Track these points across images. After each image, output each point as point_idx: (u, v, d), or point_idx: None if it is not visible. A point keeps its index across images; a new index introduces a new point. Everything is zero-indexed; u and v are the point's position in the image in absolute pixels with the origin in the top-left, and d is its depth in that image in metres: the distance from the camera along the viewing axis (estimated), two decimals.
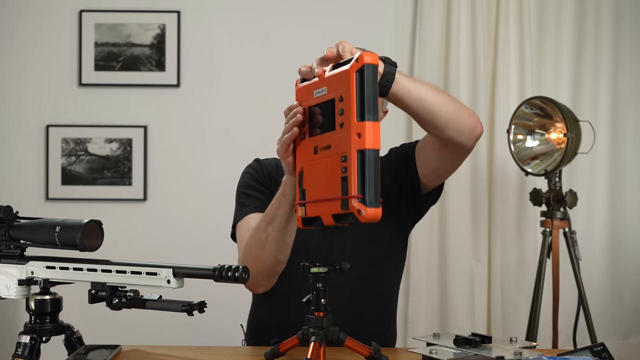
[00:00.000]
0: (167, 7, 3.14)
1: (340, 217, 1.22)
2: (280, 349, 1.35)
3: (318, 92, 1.28)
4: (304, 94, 1.33)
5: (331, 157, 1.23)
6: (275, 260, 1.59)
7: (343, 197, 1.18)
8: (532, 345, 1.40)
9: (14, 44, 3.14)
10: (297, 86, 1.36)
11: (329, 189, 1.22)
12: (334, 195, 1.20)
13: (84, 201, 3.11)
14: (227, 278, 1.20)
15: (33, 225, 1.38)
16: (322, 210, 1.24)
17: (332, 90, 1.25)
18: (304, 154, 1.31)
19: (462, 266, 3.05)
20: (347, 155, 1.18)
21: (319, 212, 1.25)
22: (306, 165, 1.30)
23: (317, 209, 1.26)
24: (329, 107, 1.24)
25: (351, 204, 1.16)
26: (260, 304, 1.77)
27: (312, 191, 1.28)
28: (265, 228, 1.55)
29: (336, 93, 1.22)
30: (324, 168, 1.25)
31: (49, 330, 1.38)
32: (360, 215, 1.15)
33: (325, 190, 1.23)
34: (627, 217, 3.21)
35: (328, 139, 1.24)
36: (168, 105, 3.15)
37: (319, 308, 1.29)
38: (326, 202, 1.23)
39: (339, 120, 1.21)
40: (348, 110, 1.18)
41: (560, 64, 3.17)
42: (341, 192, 1.19)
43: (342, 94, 1.20)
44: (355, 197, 1.15)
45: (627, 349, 3.15)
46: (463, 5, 3.08)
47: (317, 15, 3.16)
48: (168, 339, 2.93)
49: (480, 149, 3.08)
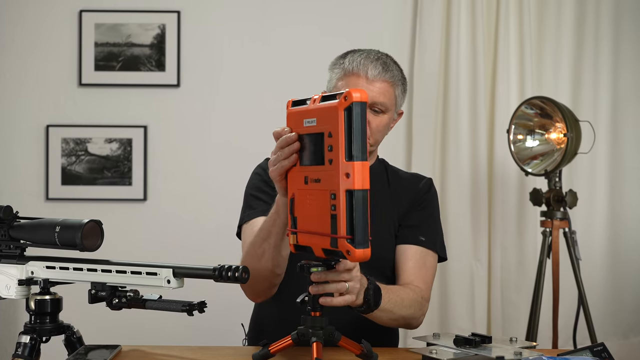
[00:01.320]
0: (167, 7, 3.14)
1: (329, 252, 1.22)
2: (271, 351, 1.34)
3: (308, 121, 1.26)
4: (294, 120, 1.30)
5: (321, 191, 1.21)
6: (272, 273, 1.59)
7: (332, 235, 1.17)
8: (532, 345, 1.40)
9: (14, 44, 3.14)
10: (289, 109, 1.33)
11: (319, 222, 1.21)
12: (324, 231, 1.19)
13: (84, 201, 3.11)
14: (227, 278, 1.20)
15: (33, 225, 1.38)
16: (313, 242, 1.24)
17: (321, 123, 1.23)
18: (295, 181, 1.30)
19: (462, 266, 3.05)
20: (336, 193, 1.17)
21: (310, 243, 1.25)
22: (297, 194, 1.29)
23: (308, 240, 1.25)
24: (319, 140, 1.22)
25: (340, 243, 1.16)
26: (265, 304, 1.77)
27: (303, 221, 1.27)
28: (261, 244, 1.54)
29: (325, 127, 1.20)
30: (314, 201, 1.23)
31: (49, 330, 1.38)
32: (349, 255, 1.16)
33: (316, 223, 1.23)
34: (627, 217, 3.21)
35: (318, 173, 1.23)
36: (168, 105, 3.15)
37: (316, 308, 1.29)
38: (317, 235, 1.22)
39: (327, 157, 1.19)
40: (337, 148, 1.17)
41: (560, 64, 3.17)
42: (330, 229, 1.18)
43: (331, 130, 1.18)
44: (344, 237, 1.15)
45: (627, 349, 3.15)
46: (463, 5, 3.08)
47: (317, 15, 3.16)
48: (168, 339, 2.93)
49: (480, 149, 3.08)
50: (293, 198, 1.30)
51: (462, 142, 3.07)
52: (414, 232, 1.74)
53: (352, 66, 1.68)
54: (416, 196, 1.78)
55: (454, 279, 3.06)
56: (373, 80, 1.67)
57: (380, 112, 1.69)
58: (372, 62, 1.69)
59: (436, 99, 3.10)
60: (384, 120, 1.70)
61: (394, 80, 1.71)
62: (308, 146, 1.26)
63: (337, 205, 1.16)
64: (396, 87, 1.72)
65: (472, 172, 3.08)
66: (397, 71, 1.74)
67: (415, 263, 1.71)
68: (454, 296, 3.06)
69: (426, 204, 1.79)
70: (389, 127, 1.75)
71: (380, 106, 1.68)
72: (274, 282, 1.63)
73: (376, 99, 1.67)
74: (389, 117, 1.71)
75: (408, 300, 1.61)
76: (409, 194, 1.78)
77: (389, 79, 1.69)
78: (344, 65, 1.71)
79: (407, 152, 3.15)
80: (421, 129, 3.10)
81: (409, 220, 1.75)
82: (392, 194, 1.78)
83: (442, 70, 3.11)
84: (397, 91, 1.73)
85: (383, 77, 1.68)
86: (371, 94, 1.66)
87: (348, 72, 1.69)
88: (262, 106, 3.09)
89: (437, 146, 3.09)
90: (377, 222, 1.72)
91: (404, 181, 1.83)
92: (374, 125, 1.68)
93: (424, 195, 1.79)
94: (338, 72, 1.72)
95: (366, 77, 1.67)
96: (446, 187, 3.08)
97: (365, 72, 1.67)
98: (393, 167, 1.87)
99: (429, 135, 3.09)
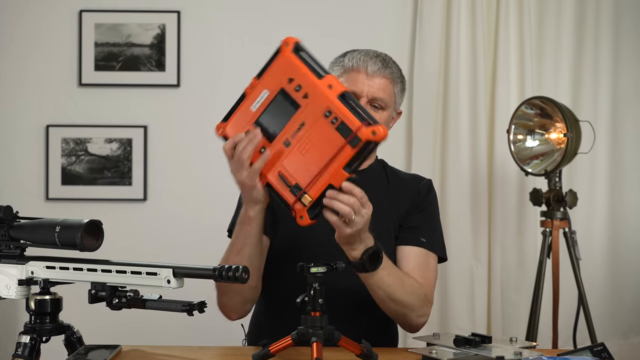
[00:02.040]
0: (167, 7, 3.14)
1: (355, 159, 1.27)
2: (271, 351, 1.34)
3: (258, 101, 1.36)
4: (239, 124, 1.40)
5: (311, 127, 1.28)
6: (245, 286, 1.59)
7: (349, 137, 1.24)
8: (532, 345, 1.40)
9: (14, 44, 3.14)
10: (226, 128, 1.45)
11: (321, 157, 1.27)
12: (333, 151, 1.26)
13: (84, 201, 3.11)
14: (227, 278, 1.20)
15: (33, 225, 1.38)
16: (328, 177, 1.28)
17: (274, 85, 1.33)
18: (273, 161, 1.35)
19: (462, 266, 3.05)
20: (329, 107, 1.26)
21: (326, 181, 1.29)
22: (283, 165, 1.33)
23: (322, 181, 1.29)
24: (282, 98, 1.31)
25: (362, 133, 1.23)
26: (265, 304, 1.77)
27: (303, 177, 1.31)
28: (234, 260, 1.56)
29: (280, 82, 1.32)
30: (306, 146, 1.30)
31: (49, 330, 1.38)
32: (375, 136, 1.23)
33: (318, 163, 1.28)
34: (627, 217, 3.21)
35: (297, 119, 1.30)
36: (168, 105, 3.15)
37: (316, 308, 1.30)
38: (329, 167, 1.27)
39: (300, 96, 1.29)
40: (305, 80, 1.28)
41: (560, 64, 3.17)
42: (342, 138, 1.25)
43: (290, 76, 1.30)
44: (361, 125, 1.24)
45: (627, 349, 3.15)
46: (463, 5, 3.08)
47: (318, 16, 3.16)
48: (168, 339, 2.92)
49: (480, 149, 3.08)
50: (281, 174, 1.34)
51: (462, 142, 3.07)
52: (414, 234, 1.73)
53: (352, 63, 1.70)
54: (416, 198, 1.78)
55: (454, 279, 3.06)
56: (373, 75, 1.68)
57: (380, 109, 1.70)
58: (372, 58, 1.70)
59: (436, 99, 3.10)
60: (383, 116, 1.70)
61: (393, 77, 1.72)
62: (272, 117, 1.35)
63: (337, 113, 1.26)
64: (395, 85, 1.73)
65: (472, 172, 3.08)
66: (397, 69, 1.75)
67: (417, 264, 1.71)
68: (454, 296, 3.06)
69: (426, 206, 1.79)
70: (387, 126, 1.75)
71: (380, 102, 1.69)
72: (247, 295, 1.66)
73: (376, 94, 1.68)
74: (388, 114, 1.72)
75: (410, 286, 1.61)
76: (409, 195, 1.78)
77: (388, 75, 1.70)
78: (343, 63, 1.72)
79: (407, 152, 3.15)
80: (421, 129, 3.10)
81: (409, 222, 1.75)
82: (392, 193, 1.78)
83: (442, 70, 3.11)
84: (396, 89, 1.74)
85: (383, 73, 1.69)
86: (371, 90, 1.67)
87: (348, 69, 1.70)
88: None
89: (437, 146, 3.09)
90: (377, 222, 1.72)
91: (404, 182, 1.83)
92: None
93: (424, 197, 1.79)
94: (338, 69, 1.73)
95: (366, 73, 1.68)
96: (446, 187, 3.08)
97: (365, 68, 1.68)
98: (392, 168, 1.87)
99: (429, 135, 3.09)
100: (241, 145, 1.40)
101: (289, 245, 1.70)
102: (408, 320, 1.65)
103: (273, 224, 1.71)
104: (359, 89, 1.68)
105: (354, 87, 1.68)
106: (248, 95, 1.38)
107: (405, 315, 1.62)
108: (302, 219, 1.33)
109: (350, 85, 1.68)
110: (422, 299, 1.64)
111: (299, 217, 1.33)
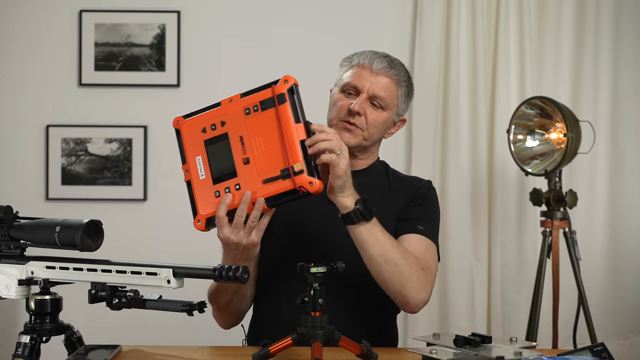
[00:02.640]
0: (167, 7, 3.14)
1: (294, 109, 1.40)
2: (271, 351, 1.34)
3: (200, 169, 1.48)
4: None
5: (249, 132, 1.42)
6: (237, 311, 1.69)
7: (277, 100, 1.41)
8: (532, 345, 1.40)
9: (14, 44, 3.14)
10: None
11: (275, 136, 1.39)
12: (278, 125, 1.39)
13: (84, 201, 3.11)
14: (227, 278, 1.20)
15: (33, 225, 1.38)
16: (293, 138, 1.38)
17: (198, 147, 1.49)
18: (252, 182, 1.42)
19: (462, 266, 3.05)
20: (242, 105, 1.46)
21: (294, 142, 1.38)
22: (260, 173, 1.41)
23: (292, 145, 1.38)
24: (211, 147, 1.47)
25: (276, 89, 1.41)
26: (264, 304, 1.77)
27: (280, 161, 1.39)
28: (223, 296, 1.63)
29: (198, 140, 1.48)
30: (260, 146, 1.41)
31: (49, 330, 1.38)
32: (286, 83, 1.42)
33: (277, 142, 1.39)
34: (627, 217, 3.21)
35: (237, 144, 1.43)
36: (168, 105, 3.15)
37: (316, 308, 1.30)
38: (286, 134, 1.38)
39: (220, 129, 1.47)
40: (210, 116, 1.51)
41: (560, 64, 3.17)
42: (273, 106, 1.42)
43: (200, 128, 1.49)
44: (272, 84, 1.43)
45: (627, 349, 3.15)
46: (463, 5, 3.08)
47: (318, 16, 3.16)
48: (168, 339, 2.92)
49: (480, 149, 3.08)
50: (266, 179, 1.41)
51: (462, 142, 3.07)
52: (411, 223, 1.70)
53: (360, 60, 1.72)
54: (415, 193, 1.77)
55: (454, 279, 3.05)
56: (377, 73, 1.69)
57: (379, 108, 1.69)
58: (379, 57, 1.72)
59: (436, 99, 3.10)
60: (381, 116, 1.70)
61: (398, 79, 1.72)
62: (219, 161, 1.45)
63: (250, 99, 1.47)
64: (400, 87, 1.73)
65: (472, 172, 3.08)
66: (404, 73, 1.76)
67: (416, 247, 1.64)
68: (454, 296, 3.06)
69: (425, 199, 1.77)
70: (386, 126, 1.74)
71: (380, 100, 1.68)
72: (240, 317, 1.73)
73: (377, 92, 1.68)
74: (387, 115, 1.71)
75: (405, 252, 1.56)
76: (408, 193, 1.78)
77: (393, 75, 1.70)
78: (352, 60, 1.74)
79: (407, 152, 3.15)
80: (421, 129, 3.10)
81: (407, 214, 1.72)
82: (392, 194, 1.78)
83: (442, 70, 3.11)
84: (400, 91, 1.73)
85: (387, 72, 1.70)
86: (372, 87, 1.67)
87: (355, 65, 1.72)
88: None
89: (437, 146, 3.09)
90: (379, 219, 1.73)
91: (404, 182, 1.82)
92: (370, 118, 1.68)
93: (423, 192, 1.78)
94: (346, 65, 1.75)
95: (371, 69, 1.69)
96: (446, 187, 3.08)
97: (370, 64, 1.69)
98: (394, 170, 1.87)
99: (429, 135, 3.09)
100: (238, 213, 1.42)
101: (286, 246, 1.70)
102: (406, 294, 1.56)
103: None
104: (360, 83, 1.68)
105: (356, 82, 1.68)
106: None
107: (403, 287, 1.55)
108: (311, 185, 1.37)
109: (354, 80, 1.68)
110: (419, 269, 1.57)
111: (308, 186, 1.37)
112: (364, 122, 1.68)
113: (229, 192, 1.43)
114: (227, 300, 1.65)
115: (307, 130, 1.40)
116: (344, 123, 1.68)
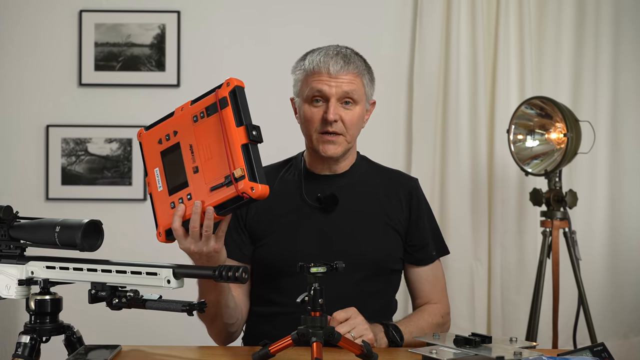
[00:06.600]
0: (167, 7, 3.14)
1: (235, 112, 1.41)
2: (271, 351, 1.34)
3: (158, 181, 1.47)
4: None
5: (198, 140, 1.39)
6: (226, 325, 1.65)
7: (219, 105, 1.42)
8: (532, 345, 1.40)
9: (14, 44, 3.14)
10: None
11: (219, 143, 1.36)
12: (220, 130, 1.37)
13: (84, 201, 3.11)
14: (227, 278, 1.20)
15: (33, 225, 1.38)
16: (235, 142, 1.34)
17: (155, 159, 1.47)
18: (202, 191, 1.37)
19: (462, 266, 3.05)
20: (191, 114, 1.44)
21: (236, 146, 1.34)
22: (207, 181, 1.36)
23: (235, 150, 1.33)
24: (165, 159, 1.44)
25: (218, 93, 1.44)
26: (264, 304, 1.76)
27: (224, 168, 1.34)
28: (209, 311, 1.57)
29: (155, 153, 1.46)
30: (207, 153, 1.37)
31: (49, 330, 1.38)
32: (228, 86, 1.45)
33: (222, 148, 1.35)
34: (627, 217, 3.21)
35: (187, 153, 1.39)
36: (168, 105, 3.11)
37: (316, 308, 1.30)
38: (228, 139, 1.35)
39: (173, 139, 1.44)
40: (164, 127, 1.51)
41: (560, 64, 3.17)
42: (216, 112, 1.42)
43: (159, 138, 1.48)
44: (213, 93, 1.45)
45: (627, 349, 3.15)
46: (463, 5, 3.08)
47: (318, 15, 3.16)
48: (168, 339, 2.92)
49: (480, 149, 3.08)
50: (212, 187, 1.35)
51: (462, 142, 3.07)
52: (425, 252, 1.78)
53: (313, 65, 1.69)
54: (411, 210, 1.78)
55: (454, 279, 3.05)
56: (337, 75, 1.66)
57: (351, 103, 1.68)
58: (332, 57, 1.68)
59: (436, 99, 3.10)
60: (356, 113, 1.69)
61: (359, 71, 1.70)
62: (173, 172, 1.42)
63: (197, 105, 1.45)
64: (363, 77, 1.71)
65: (472, 172, 3.08)
66: (360, 61, 1.73)
67: (430, 282, 1.79)
68: (454, 296, 3.05)
69: (421, 213, 1.79)
70: (362, 120, 1.74)
71: (350, 97, 1.67)
72: (231, 330, 1.68)
73: (344, 91, 1.67)
74: (360, 109, 1.71)
75: (428, 327, 1.70)
76: (402, 193, 1.78)
77: (352, 70, 1.68)
78: (304, 66, 1.71)
79: (407, 152, 3.15)
80: (421, 129, 3.10)
81: (416, 239, 1.77)
82: (380, 187, 1.78)
83: (442, 70, 3.11)
84: (365, 80, 1.72)
85: (347, 70, 1.67)
86: (338, 90, 1.66)
87: (310, 72, 1.69)
88: (262, 106, 3.08)
89: (437, 146, 3.09)
90: (371, 220, 1.72)
91: (391, 174, 1.84)
92: (347, 120, 1.68)
93: (417, 205, 1.79)
94: (300, 73, 1.72)
95: (328, 74, 1.66)
96: (446, 187, 3.08)
97: (327, 69, 1.67)
98: (374, 162, 1.87)
99: (429, 135, 3.09)
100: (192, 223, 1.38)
101: (280, 249, 1.70)
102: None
103: (250, 243, 1.73)
104: (325, 91, 1.66)
105: (320, 88, 1.67)
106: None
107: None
108: (253, 190, 1.29)
109: (317, 87, 1.67)
110: (440, 324, 1.76)
111: (250, 191, 1.29)
112: (342, 127, 1.67)
113: (182, 203, 1.39)
114: (213, 314, 1.60)
115: (249, 133, 1.36)
116: (324, 136, 1.67)
